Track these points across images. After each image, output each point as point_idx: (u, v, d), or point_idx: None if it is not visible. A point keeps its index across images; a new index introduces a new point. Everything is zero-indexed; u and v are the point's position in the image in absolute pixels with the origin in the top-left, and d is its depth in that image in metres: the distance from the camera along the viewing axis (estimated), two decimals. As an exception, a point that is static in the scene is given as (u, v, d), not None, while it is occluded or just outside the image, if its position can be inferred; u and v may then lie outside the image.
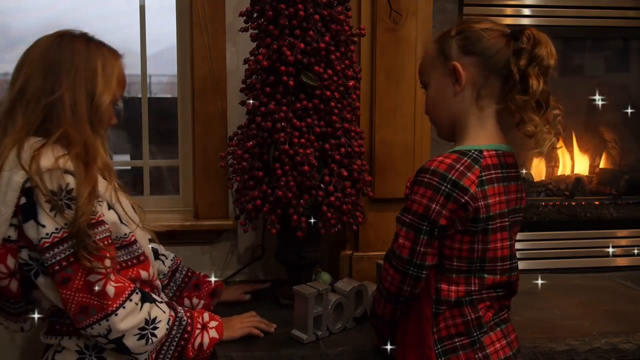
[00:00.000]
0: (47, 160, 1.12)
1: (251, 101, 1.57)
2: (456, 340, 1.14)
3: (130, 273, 1.22)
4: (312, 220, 1.54)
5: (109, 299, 1.13)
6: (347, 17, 1.55)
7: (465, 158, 1.11)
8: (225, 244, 1.92)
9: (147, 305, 1.19)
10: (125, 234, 1.22)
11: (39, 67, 1.20)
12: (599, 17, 2.06)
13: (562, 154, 2.24)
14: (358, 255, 1.77)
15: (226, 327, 1.36)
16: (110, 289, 1.13)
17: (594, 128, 2.24)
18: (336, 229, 1.59)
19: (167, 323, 1.22)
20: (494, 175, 1.13)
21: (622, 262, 2.10)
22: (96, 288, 1.12)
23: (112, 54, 1.26)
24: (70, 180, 1.12)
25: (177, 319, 1.25)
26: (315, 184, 1.53)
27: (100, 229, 1.15)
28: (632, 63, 2.23)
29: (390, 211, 1.73)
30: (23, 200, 1.12)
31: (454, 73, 1.16)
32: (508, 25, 1.76)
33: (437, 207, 1.09)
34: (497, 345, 1.16)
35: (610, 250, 2.06)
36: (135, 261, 1.24)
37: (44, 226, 1.11)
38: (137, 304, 1.17)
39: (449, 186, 1.09)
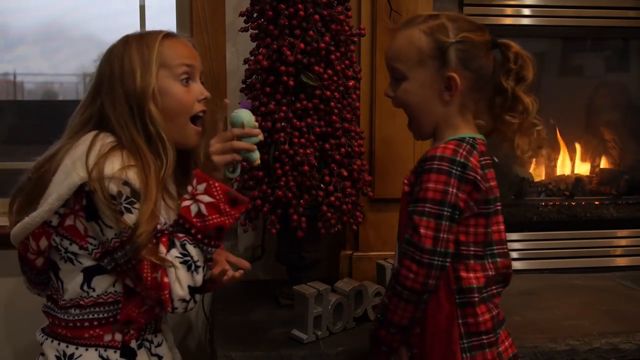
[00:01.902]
0: (110, 168, 1.11)
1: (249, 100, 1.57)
2: (484, 337, 1.13)
3: None
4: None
5: (167, 288, 1.12)
6: (347, 17, 1.55)
7: (464, 144, 1.13)
8: (225, 244, 1.91)
9: (173, 253, 1.13)
10: None
11: (89, 93, 1.24)
12: (599, 17, 2.06)
13: (562, 153, 2.24)
14: (358, 255, 1.77)
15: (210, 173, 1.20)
16: (166, 278, 1.12)
17: (594, 128, 2.25)
18: (336, 229, 1.59)
19: (179, 242, 1.15)
20: (488, 161, 1.17)
21: (622, 262, 2.10)
22: (159, 281, 1.11)
23: (149, 38, 1.22)
24: (128, 192, 1.11)
25: (185, 231, 1.15)
26: (315, 184, 1.53)
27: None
28: (632, 63, 2.23)
29: (391, 211, 1.73)
30: (84, 201, 1.12)
31: (449, 82, 1.16)
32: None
33: (454, 190, 1.09)
34: (507, 344, 1.17)
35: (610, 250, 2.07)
36: None
37: (111, 227, 1.11)
38: (170, 267, 1.12)
39: (459, 168, 1.09)
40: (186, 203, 1.17)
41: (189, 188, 1.18)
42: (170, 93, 1.22)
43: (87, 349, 1.18)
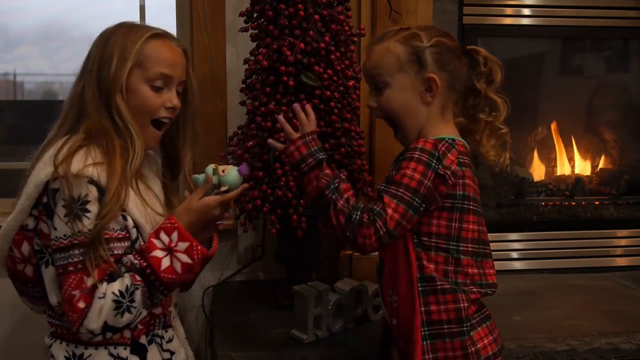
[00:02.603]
0: (77, 164, 1.10)
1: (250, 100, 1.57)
2: (445, 327, 1.15)
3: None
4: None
5: (78, 312, 1.08)
6: (347, 17, 1.55)
7: (444, 142, 1.18)
8: (225, 244, 1.92)
9: (112, 288, 1.10)
10: (134, 240, 1.17)
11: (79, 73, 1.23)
12: (599, 17, 2.06)
13: (561, 153, 2.24)
14: (358, 255, 1.76)
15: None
16: (81, 304, 1.08)
17: (594, 128, 2.25)
18: (336, 229, 1.58)
19: (133, 285, 1.11)
20: (467, 161, 1.20)
21: (622, 262, 2.10)
22: (73, 302, 1.08)
23: (136, 33, 1.20)
24: (92, 191, 1.10)
25: (139, 272, 1.12)
26: (315, 184, 1.53)
27: (115, 245, 1.13)
28: (632, 63, 2.23)
29: (390, 211, 1.73)
30: (45, 199, 1.12)
31: (428, 83, 1.21)
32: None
33: (429, 183, 1.13)
34: (486, 341, 1.18)
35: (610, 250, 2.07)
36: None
37: (55, 229, 1.11)
38: (100, 297, 1.08)
39: (435, 162, 1.14)
40: (158, 254, 1.13)
41: (165, 239, 1.14)
42: (137, 93, 1.20)
43: (96, 348, 1.17)
